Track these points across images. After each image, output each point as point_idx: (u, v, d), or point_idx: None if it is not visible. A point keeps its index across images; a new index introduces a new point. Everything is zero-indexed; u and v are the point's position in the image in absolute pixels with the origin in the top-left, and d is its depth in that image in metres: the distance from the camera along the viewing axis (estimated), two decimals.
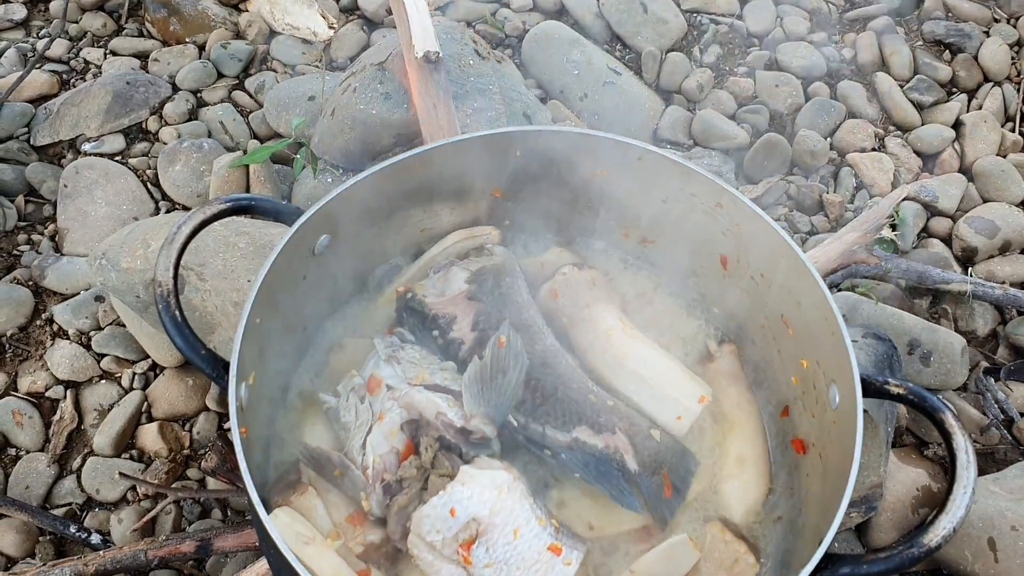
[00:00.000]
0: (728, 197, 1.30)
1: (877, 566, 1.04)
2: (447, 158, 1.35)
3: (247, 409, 1.19)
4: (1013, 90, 2.51)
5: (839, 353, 1.17)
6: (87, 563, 1.62)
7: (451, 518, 1.15)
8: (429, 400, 1.25)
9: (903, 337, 1.93)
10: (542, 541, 1.15)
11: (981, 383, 1.99)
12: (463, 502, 1.16)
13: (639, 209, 1.43)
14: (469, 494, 1.16)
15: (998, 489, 1.71)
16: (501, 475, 1.18)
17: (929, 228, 2.27)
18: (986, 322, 2.10)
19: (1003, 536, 1.61)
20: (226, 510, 1.80)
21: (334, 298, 1.43)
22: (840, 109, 2.44)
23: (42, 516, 1.76)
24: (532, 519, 1.16)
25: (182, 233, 1.18)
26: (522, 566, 1.13)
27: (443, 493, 1.16)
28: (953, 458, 1.06)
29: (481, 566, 1.14)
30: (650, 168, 1.35)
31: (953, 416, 1.08)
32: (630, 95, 2.41)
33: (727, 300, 1.44)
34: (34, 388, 1.94)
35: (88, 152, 2.34)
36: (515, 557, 1.13)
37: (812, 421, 1.30)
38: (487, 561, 1.13)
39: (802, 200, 2.29)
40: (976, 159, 2.35)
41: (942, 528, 1.02)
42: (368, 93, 2.09)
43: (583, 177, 1.42)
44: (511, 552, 1.14)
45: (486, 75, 2.18)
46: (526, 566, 1.13)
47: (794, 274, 1.24)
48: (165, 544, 1.63)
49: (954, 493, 1.03)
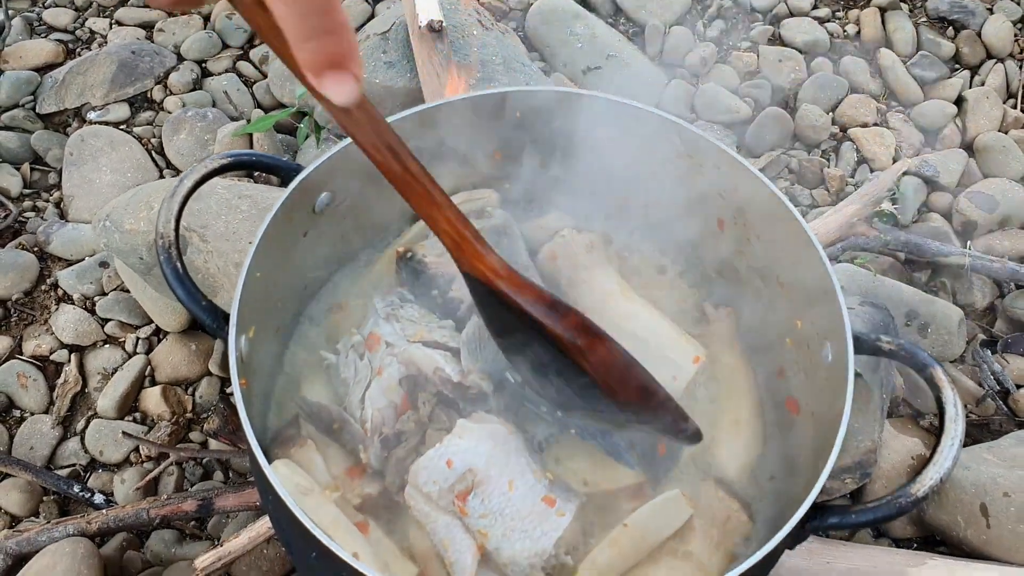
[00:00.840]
0: (725, 158, 1.31)
1: (865, 515, 1.05)
2: (446, 119, 1.36)
3: (247, 362, 1.20)
4: (1016, 67, 2.52)
5: (832, 311, 1.18)
6: (90, 521, 1.65)
7: (447, 469, 1.17)
8: (427, 356, 1.26)
9: (901, 308, 1.95)
10: (536, 493, 1.17)
11: (978, 355, 2.00)
12: (459, 454, 1.17)
13: (637, 171, 1.44)
14: (465, 446, 1.18)
15: (992, 457, 1.73)
16: (497, 428, 1.20)
17: (929, 203, 2.28)
18: (984, 295, 2.11)
19: (995, 502, 1.63)
20: (227, 472, 1.82)
21: (335, 257, 1.45)
22: (843, 84, 2.45)
23: (46, 476, 1.78)
24: (527, 472, 1.18)
25: (184, 187, 1.19)
26: (517, 516, 1.15)
27: (440, 445, 1.18)
28: (942, 411, 1.07)
29: (476, 516, 1.15)
30: (647, 129, 1.36)
31: (942, 371, 1.10)
32: (633, 69, 2.41)
33: (723, 263, 1.45)
34: (39, 351, 1.96)
35: (93, 120, 2.36)
36: (510, 508, 1.15)
37: (805, 381, 1.31)
38: (482, 512, 1.15)
39: (803, 174, 2.29)
40: (978, 135, 2.36)
41: (929, 479, 1.03)
42: (372, 62, 2.11)
43: (581, 139, 1.43)
44: (506, 503, 1.15)
45: (490, 46, 2.19)
46: (520, 517, 1.15)
47: (787, 233, 1.25)
48: (167, 503, 1.66)
49: (941, 445, 1.05)
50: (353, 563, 0.95)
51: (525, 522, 1.15)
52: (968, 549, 1.67)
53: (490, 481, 1.16)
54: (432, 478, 1.17)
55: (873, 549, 1.64)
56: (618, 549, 1.24)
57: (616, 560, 1.24)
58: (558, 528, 1.15)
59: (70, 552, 1.59)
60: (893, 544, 1.77)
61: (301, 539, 1.03)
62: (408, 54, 2.14)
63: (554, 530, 1.15)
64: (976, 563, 1.61)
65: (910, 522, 1.78)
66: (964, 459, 1.72)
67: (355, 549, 1.16)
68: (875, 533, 1.80)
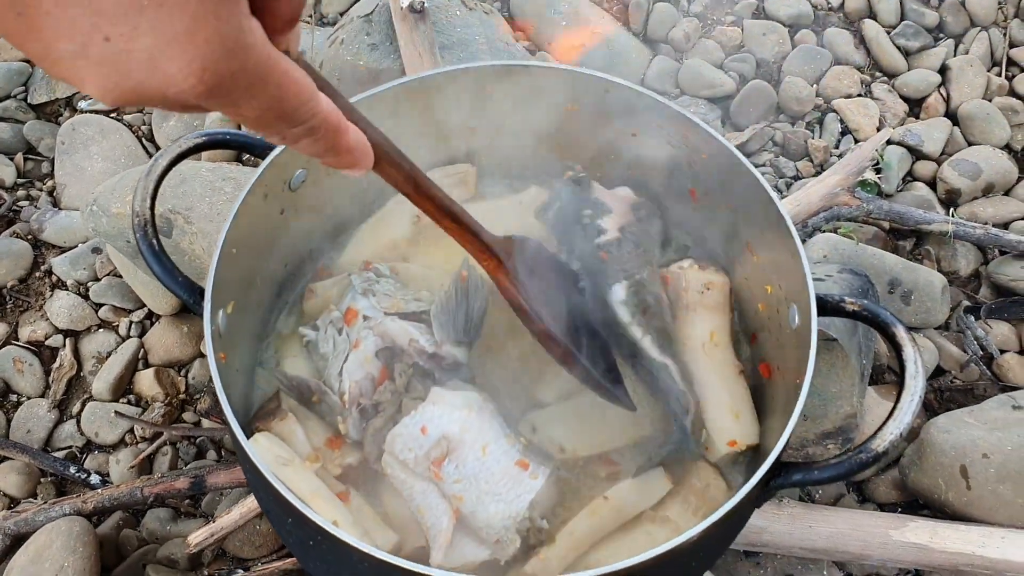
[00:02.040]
0: (691, 127, 1.33)
1: (827, 472, 1.08)
2: (419, 94, 1.39)
3: (227, 338, 1.23)
4: (999, 35, 2.52)
5: (798, 274, 1.20)
6: (85, 501, 1.68)
7: (422, 436, 1.19)
8: (402, 328, 1.29)
9: (884, 276, 1.96)
10: (510, 457, 1.20)
11: (962, 321, 2.02)
12: (433, 420, 1.20)
13: (612, 143, 1.46)
14: (440, 413, 1.20)
15: (972, 420, 1.74)
16: (471, 395, 1.23)
17: (914, 172, 2.29)
18: (968, 262, 2.13)
19: (975, 464, 1.65)
20: (220, 451, 1.85)
21: (314, 234, 1.47)
22: (827, 56, 2.46)
23: (43, 458, 1.82)
24: (501, 437, 1.21)
25: (159, 166, 1.22)
26: (491, 480, 1.17)
27: (415, 412, 1.21)
28: (902, 368, 1.09)
29: (451, 481, 1.18)
30: (619, 101, 1.38)
31: (904, 329, 1.12)
32: (617, 45, 2.43)
33: (699, 233, 1.47)
34: (34, 337, 2.00)
35: (84, 109, 2.38)
36: (484, 472, 1.18)
37: (776, 345, 1.33)
38: (456, 477, 1.18)
39: (787, 146, 2.31)
40: (961, 103, 2.36)
41: (889, 434, 1.05)
42: (355, 45, 2.12)
43: (555, 113, 1.45)
44: (480, 468, 1.18)
45: (473, 26, 2.20)
46: (494, 480, 1.17)
47: (751, 196, 1.27)
48: (160, 481, 1.69)
49: (901, 401, 1.07)
50: (330, 528, 0.98)
51: (499, 485, 1.17)
52: (950, 511, 1.69)
53: (464, 446, 1.19)
54: (407, 445, 1.19)
55: (856, 512, 1.66)
56: (597, 519, 1.27)
57: (594, 529, 1.26)
58: (531, 490, 1.17)
59: (66, 531, 1.62)
60: (877, 508, 1.79)
61: (277, 506, 1.06)
62: (391, 36, 2.15)
63: (527, 492, 1.17)
64: (958, 524, 1.64)
65: (893, 487, 1.81)
66: (945, 423, 1.74)
67: (335, 517, 1.19)
68: (859, 498, 1.82)
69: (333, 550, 1.02)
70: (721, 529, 1.05)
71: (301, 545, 1.11)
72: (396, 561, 0.95)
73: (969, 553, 1.59)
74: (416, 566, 0.95)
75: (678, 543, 0.99)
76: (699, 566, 1.21)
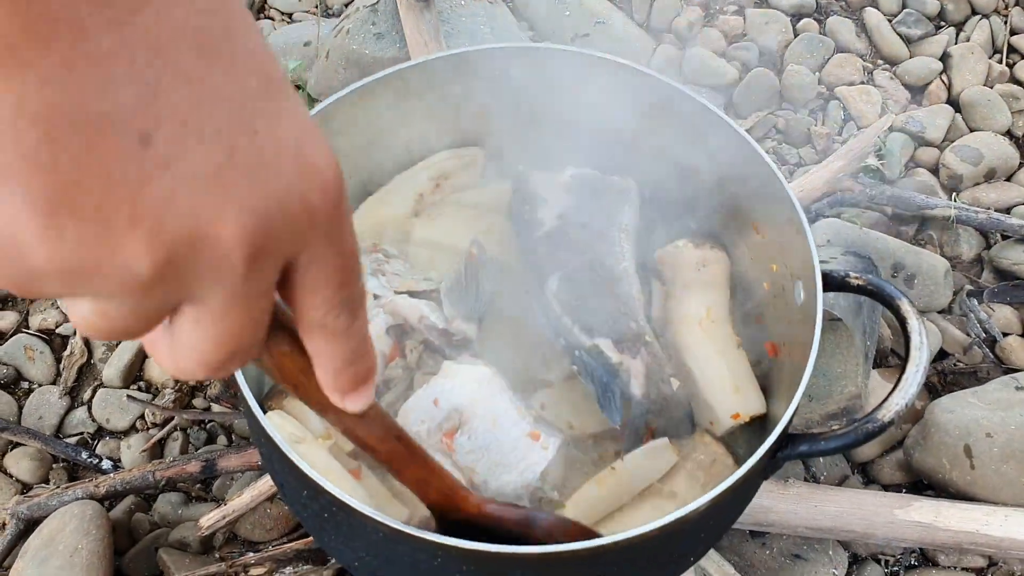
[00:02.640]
0: (696, 105, 1.34)
1: (833, 442, 1.09)
2: (428, 77, 1.40)
3: None
4: (1000, 22, 2.53)
5: (803, 250, 1.21)
6: (98, 485, 1.70)
7: (435, 408, 1.21)
8: (412, 306, 1.31)
9: (887, 260, 1.98)
10: (521, 428, 1.21)
11: (965, 305, 2.03)
12: (445, 393, 1.22)
13: (616, 125, 1.47)
14: (451, 386, 1.22)
15: (976, 401, 1.76)
16: (481, 369, 1.25)
17: (916, 158, 2.30)
18: (971, 247, 2.14)
19: (978, 443, 1.67)
20: (230, 436, 1.87)
21: None
22: (829, 44, 2.47)
23: (55, 444, 1.83)
24: (511, 409, 1.23)
25: None
26: (503, 451, 1.19)
27: (427, 386, 1.23)
28: (907, 340, 1.11)
29: (464, 452, 1.20)
30: (623, 83, 1.40)
31: (909, 302, 1.13)
32: (621, 35, 2.44)
33: (702, 213, 1.48)
34: (45, 325, 2.01)
35: None
36: (495, 443, 1.20)
37: (782, 323, 1.35)
38: (469, 448, 1.20)
39: (790, 133, 2.32)
40: (963, 90, 2.38)
41: (895, 404, 1.07)
42: (361, 34, 2.14)
43: (561, 95, 1.46)
44: (491, 439, 1.20)
45: (478, 15, 2.22)
46: (506, 451, 1.19)
47: (758, 175, 1.28)
48: (172, 465, 1.71)
49: (907, 372, 1.08)
50: (345, 498, 1.00)
51: (510, 456, 1.19)
52: (954, 491, 1.71)
53: (476, 418, 1.21)
54: (420, 418, 1.21)
55: (862, 492, 1.68)
56: (605, 488, 1.29)
57: (602, 498, 1.28)
58: (543, 460, 1.19)
59: (79, 514, 1.64)
60: (882, 490, 1.81)
61: (293, 479, 1.08)
62: (397, 25, 2.17)
63: (539, 463, 1.19)
64: (962, 503, 1.65)
65: (897, 468, 1.82)
66: (948, 403, 1.75)
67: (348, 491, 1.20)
68: (864, 480, 1.84)
69: (347, 520, 1.04)
70: (729, 499, 1.07)
71: (315, 518, 1.13)
72: (408, 529, 0.97)
73: (973, 532, 1.60)
74: (425, 533, 0.97)
75: (686, 513, 1.01)
76: (708, 537, 1.23)
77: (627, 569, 1.10)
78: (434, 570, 1.04)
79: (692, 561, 1.29)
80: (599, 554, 0.99)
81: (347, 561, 1.26)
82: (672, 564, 1.23)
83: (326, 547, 1.35)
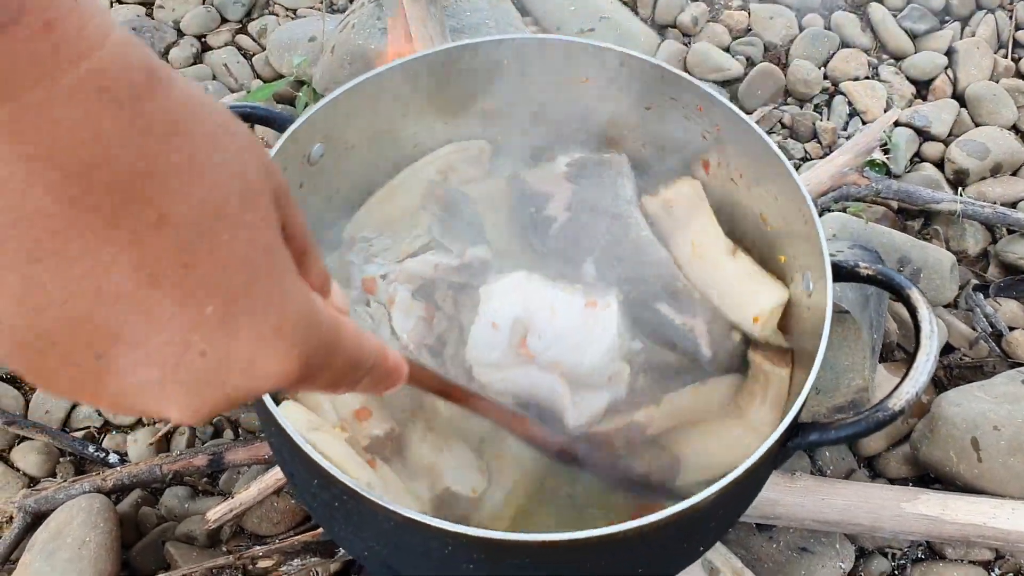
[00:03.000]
0: (707, 99, 1.34)
1: (844, 431, 1.09)
2: (435, 69, 1.40)
3: None
4: (1006, 17, 2.54)
5: (812, 241, 1.21)
6: (105, 478, 1.70)
7: (496, 332, 1.22)
8: (420, 261, 1.32)
9: (893, 255, 1.98)
10: (577, 304, 1.24)
11: (971, 299, 2.03)
12: (496, 314, 1.23)
13: (625, 117, 1.47)
14: (498, 305, 1.24)
15: (983, 394, 1.76)
16: (515, 276, 1.27)
17: (922, 153, 2.30)
18: (977, 241, 2.14)
19: (986, 435, 1.66)
20: (237, 430, 1.87)
21: (334, 207, 1.48)
22: (834, 39, 2.47)
23: (62, 437, 1.84)
24: (559, 293, 1.25)
25: None
26: (574, 332, 1.21)
27: (476, 318, 1.24)
28: (918, 329, 1.11)
29: (543, 352, 1.21)
30: (632, 74, 1.40)
31: (919, 292, 1.13)
32: (626, 30, 2.44)
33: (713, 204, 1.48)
34: None
35: None
36: (563, 329, 1.21)
37: (790, 314, 1.35)
38: (544, 346, 1.21)
39: (796, 128, 2.33)
40: (968, 84, 2.38)
41: (905, 393, 1.07)
42: (366, 29, 2.14)
43: (568, 88, 1.46)
44: (558, 327, 1.22)
45: (482, 10, 2.23)
46: (576, 330, 1.21)
47: (766, 167, 1.28)
48: (179, 458, 1.71)
49: (917, 360, 1.08)
50: (356, 487, 0.99)
51: (581, 332, 1.21)
52: (961, 484, 1.71)
53: (535, 318, 1.22)
54: (488, 348, 1.23)
55: (868, 485, 1.68)
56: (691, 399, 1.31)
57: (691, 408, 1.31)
58: (612, 318, 1.22)
59: (86, 507, 1.64)
60: (889, 483, 1.81)
61: (303, 469, 1.08)
62: None
63: (610, 322, 1.22)
64: (969, 496, 1.65)
65: (904, 462, 1.82)
66: (955, 397, 1.75)
67: (363, 480, 1.20)
68: (871, 474, 1.84)
69: (358, 509, 1.04)
70: (739, 488, 1.07)
71: (326, 508, 1.12)
72: (419, 518, 0.97)
73: (980, 524, 1.60)
74: (437, 521, 0.96)
75: (693, 503, 1.01)
76: (717, 527, 1.23)
77: (638, 558, 1.10)
78: (445, 558, 1.04)
79: (701, 551, 1.28)
80: (609, 543, 0.99)
81: (357, 551, 1.26)
82: (682, 554, 1.23)
83: (336, 537, 1.35)
